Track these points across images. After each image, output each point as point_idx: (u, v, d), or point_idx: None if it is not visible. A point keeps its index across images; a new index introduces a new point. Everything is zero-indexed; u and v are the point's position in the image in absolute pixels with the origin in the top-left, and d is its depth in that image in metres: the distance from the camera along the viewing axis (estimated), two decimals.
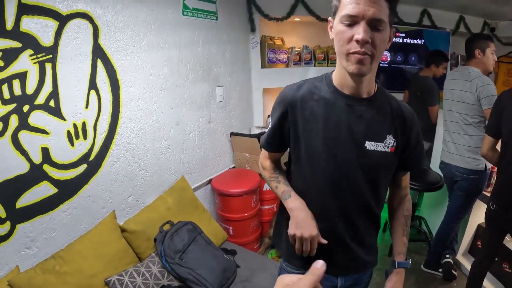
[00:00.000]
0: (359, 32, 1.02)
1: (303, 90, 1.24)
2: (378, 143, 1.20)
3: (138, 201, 2.45)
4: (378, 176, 1.24)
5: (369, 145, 1.19)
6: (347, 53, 1.07)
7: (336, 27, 1.10)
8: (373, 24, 1.03)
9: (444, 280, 3.06)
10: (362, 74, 1.09)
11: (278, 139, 1.33)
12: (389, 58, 4.27)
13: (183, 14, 2.67)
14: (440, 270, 3.09)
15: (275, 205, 3.39)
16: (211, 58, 3.02)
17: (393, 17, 1.10)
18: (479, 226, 3.18)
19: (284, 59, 3.81)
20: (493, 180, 2.91)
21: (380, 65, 4.09)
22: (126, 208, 2.37)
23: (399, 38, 4.22)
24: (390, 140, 1.21)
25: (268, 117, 1.43)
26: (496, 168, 2.71)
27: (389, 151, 1.21)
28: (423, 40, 4.32)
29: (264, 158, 1.46)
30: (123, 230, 2.21)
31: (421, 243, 3.59)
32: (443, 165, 2.99)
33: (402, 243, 1.40)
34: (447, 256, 3.07)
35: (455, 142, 2.81)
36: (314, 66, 3.91)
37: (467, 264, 3.13)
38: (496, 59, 2.73)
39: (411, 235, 3.62)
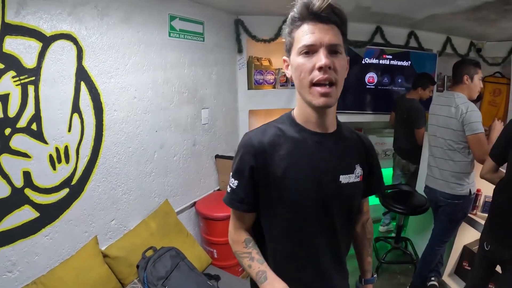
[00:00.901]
0: (320, 58, 1.05)
1: (268, 134, 1.21)
2: (350, 175, 1.24)
3: (121, 225, 2.46)
4: (351, 205, 1.29)
5: (343, 178, 1.22)
6: (311, 84, 1.09)
7: (295, 61, 1.12)
8: (332, 49, 1.07)
9: None
10: (328, 106, 1.12)
11: (252, 193, 1.22)
12: (375, 80, 4.38)
13: (170, 36, 2.74)
14: None
15: None
16: (197, 80, 3.08)
17: (346, 45, 1.15)
18: (464, 247, 3.27)
19: (271, 80, 3.88)
20: (479, 203, 3.02)
21: (367, 86, 4.25)
22: (108, 232, 2.37)
23: (386, 60, 4.35)
24: (358, 170, 1.27)
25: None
26: (481, 190, 2.83)
27: (359, 180, 1.27)
28: (410, 62, 4.45)
29: (234, 229, 1.34)
30: (105, 255, 2.21)
31: (407, 265, 3.64)
32: (428, 189, 3.06)
33: (367, 263, 1.53)
34: (433, 279, 3.13)
35: (439, 167, 2.88)
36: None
37: (453, 285, 3.21)
38: (482, 86, 2.82)
39: (398, 257, 3.72)
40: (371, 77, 4.36)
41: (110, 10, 2.22)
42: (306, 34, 1.08)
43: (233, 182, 1.23)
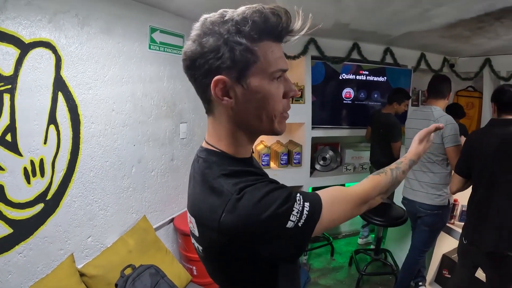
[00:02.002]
0: (293, 87, 0.99)
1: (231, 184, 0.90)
2: None
3: (98, 242, 2.40)
4: None
5: None
6: (281, 113, 0.99)
7: (264, 87, 0.93)
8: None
9: None
10: None
11: None
12: (352, 95, 4.50)
13: (150, 48, 2.74)
14: None
15: None
16: (176, 93, 3.08)
17: None
18: (444, 256, 3.39)
19: None
20: (456, 212, 3.17)
21: (344, 101, 4.35)
22: (85, 249, 2.31)
23: (362, 76, 4.49)
24: None
25: None
26: (458, 200, 3.02)
27: None
28: (385, 78, 4.61)
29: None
30: (82, 274, 2.16)
31: (387, 276, 3.73)
32: (406, 201, 3.17)
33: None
34: (420, 284, 3.27)
35: (419, 179, 2.98)
36: (292, 103, 3.97)
37: None
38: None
39: (378, 268, 3.80)
40: (348, 92, 4.47)
41: (90, 19, 2.21)
42: (278, 56, 0.94)
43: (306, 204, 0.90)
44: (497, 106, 2.36)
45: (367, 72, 4.48)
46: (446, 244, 3.36)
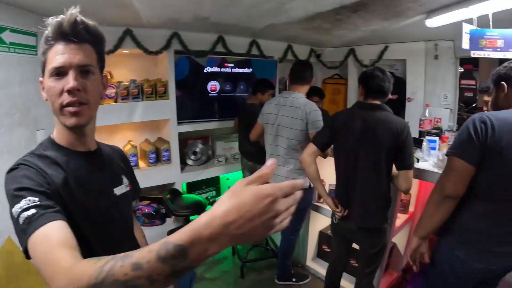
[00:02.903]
0: (69, 81, 1.07)
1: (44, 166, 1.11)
2: (121, 186, 1.36)
3: None
4: (129, 212, 1.45)
5: (117, 190, 1.34)
6: (61, 107, 1.10)
7: (46, 84, 1.12)
8: (82, 71, 1.11)
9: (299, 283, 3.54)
10: (81, 125, 1.15)
11: None
12: (218, 88, 4.63)
13: None
14: (294, 279, 3.53)
15: None
16: (30, 98, 2.82)
17: (102, 63, 1.23)
18: (320, 232, 3.79)
19: (112, 94, 3.75)
20: None
21: (210, 94, 4.43)
22: None
23: (228, 68, 4.64)
24: (125, 180, 1.41)
25: None
26: (324, 180, 3.16)
27: (128, 189, 1.41)
28: (251, 69, 4.83)
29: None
30: None
31: (271, 259, 3.93)
32: None
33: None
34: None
35: (283, 165, 3.14)
36: (142, 100, 3.93)
37: (318, 267, 3.72)
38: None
39: (261, 254, 3.98)
40: (213, 85, 4.58)
41: None
42: (57, 55, 1.08)
43: None
44: (364, 90, 2.46)
45: (232, 65, 4.64)
46: (320, 221, 3.73)
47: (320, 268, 3.68)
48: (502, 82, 1.87)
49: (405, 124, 2.34)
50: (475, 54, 2.92)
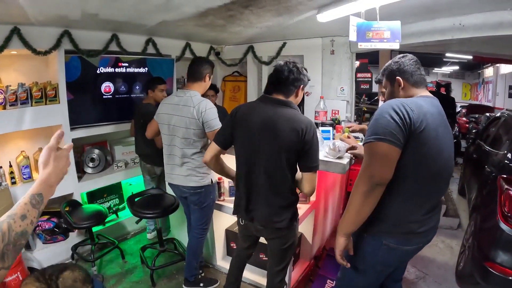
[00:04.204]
0: None
1: None
2: None
3: None
4: None
5: None
6: None
7: None
8: None
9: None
10: None
11: None
12: (112, 89, 4.46)
13: None
14: (201, 284, 3.44)
15: (18, 273, 3.09)
16: None
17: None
18: (226, 230, 3.80)
19: (1, 100, 3.43)
20: (224, 190, 3.57)
21: (104, 96, 4.32)
22: None
23: (122, 68, 4.48)
24: None
25: None
26: (222, 178, 3.34)
27: None
28: (147, 69, 4.71)
29: None
30: None
31: (181, 263, 3.81)
32: (172, 186, 3.32)
33: None
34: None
35: (179, 164, 3.11)
36: (31, 105, 3.61)
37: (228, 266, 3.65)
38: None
39: (170, 258, 3.94)
40: (107, 87, 4.41)
41: None
42: None
43: None
44: (268, 82, 2.38)
45: (126, 64, 4.50)
46: (224, 220, 3.72)
47: None
48: (398, 77, 2.01)
49: (312, 124, 2.27)
50: (362, 45, 3.12)
